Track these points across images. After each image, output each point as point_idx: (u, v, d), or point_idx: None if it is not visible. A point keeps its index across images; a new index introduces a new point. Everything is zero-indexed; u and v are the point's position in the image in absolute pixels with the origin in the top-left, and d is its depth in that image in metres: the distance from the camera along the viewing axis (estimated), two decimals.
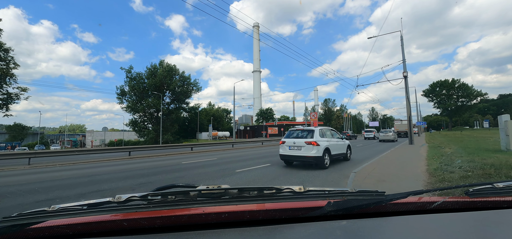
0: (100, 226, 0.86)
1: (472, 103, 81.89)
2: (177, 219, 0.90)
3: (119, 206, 0.92)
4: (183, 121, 58.20)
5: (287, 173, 7.85)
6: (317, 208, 0.93)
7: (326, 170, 8.01)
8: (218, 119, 67.77)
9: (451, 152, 11.36)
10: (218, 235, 0.81)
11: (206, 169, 9.48)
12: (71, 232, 0.83)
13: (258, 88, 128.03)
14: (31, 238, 0.82)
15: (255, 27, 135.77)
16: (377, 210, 0.97)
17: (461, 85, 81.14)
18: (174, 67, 46.60)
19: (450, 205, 1.00)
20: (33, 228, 0.82)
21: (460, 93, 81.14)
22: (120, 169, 10.07)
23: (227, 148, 20.93)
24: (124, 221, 0.86)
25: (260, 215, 0.93)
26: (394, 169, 7.70)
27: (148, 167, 10.62)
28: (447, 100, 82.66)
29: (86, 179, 7.79)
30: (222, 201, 0.97)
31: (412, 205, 1.00)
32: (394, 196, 0.98)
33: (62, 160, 14.16)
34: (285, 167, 9.07)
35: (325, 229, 0.85)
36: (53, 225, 0.83)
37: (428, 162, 8.47)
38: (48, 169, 10.52)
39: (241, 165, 10.05)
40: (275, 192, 1.01)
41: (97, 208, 0.92)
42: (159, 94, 41.71)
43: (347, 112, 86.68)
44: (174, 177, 8.02)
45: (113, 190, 6.09)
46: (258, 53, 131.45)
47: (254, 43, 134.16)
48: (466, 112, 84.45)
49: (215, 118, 65.48)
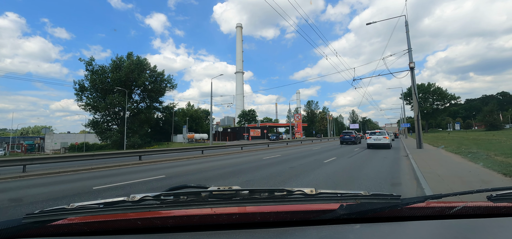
0: (116, 224, 0.87)
1: (445, 107, 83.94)
2: (189, 219, 0.90)
3: (133, 205, 0.94)
4: (156, 122, 51.93)
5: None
6: (329, 211, 0.90)
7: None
8: (197, 120, 62.09)
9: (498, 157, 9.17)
10: (229, 236, 0.81)
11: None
12: (88, 229, 0.86)
13: (240, 90, 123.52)
14: (52, 234, 0.85)
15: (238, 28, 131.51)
16: (392, 214, 0.92)
17: (436, 89, 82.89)
18: (144, 61, 40.54)
19: (471, 210, 0.92)
20: (54, 225, 0.85)
21: (435, 97, 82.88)
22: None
23: (195, 155, 15.82)
24: (138, 220, 0.87)
25: (271, 217, 0.90)
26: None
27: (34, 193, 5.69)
28: (423, 103, 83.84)
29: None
30: (233, 202, 0.97)
31: (430, 209, 0.94)
32: (410, 200, 0.94)
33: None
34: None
35: (337, 232, 0.83)
36: (72, 222, 0.87)
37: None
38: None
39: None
40: (286, 194, 1.00)
41: (113, 206, 0.95)
42: (124, 91, 35.55)
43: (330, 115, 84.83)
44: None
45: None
46: (241, 54, 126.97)
47: (237, 43, 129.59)
48: (440, 115, 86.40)
49: (193, 120, 59.75)
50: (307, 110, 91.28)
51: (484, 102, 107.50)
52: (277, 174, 7.94)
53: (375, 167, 8.74)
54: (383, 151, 15.18)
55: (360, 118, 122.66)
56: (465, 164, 8.33)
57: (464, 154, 10.58)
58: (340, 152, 15.63)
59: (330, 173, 7.78)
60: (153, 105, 44.73)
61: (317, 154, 14.64)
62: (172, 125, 50.21)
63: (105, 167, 10.69)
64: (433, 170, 7.31)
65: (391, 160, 11.06)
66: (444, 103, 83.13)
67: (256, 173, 8.24)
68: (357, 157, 12.38)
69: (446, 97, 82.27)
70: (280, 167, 9.46)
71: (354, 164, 9.77)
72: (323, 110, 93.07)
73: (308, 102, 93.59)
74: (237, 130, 63.20)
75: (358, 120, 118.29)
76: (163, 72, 43.42)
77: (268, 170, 8.77)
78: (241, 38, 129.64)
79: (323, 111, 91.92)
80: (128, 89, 36.75)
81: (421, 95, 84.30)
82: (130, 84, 38.31)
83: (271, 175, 7.75)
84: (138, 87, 40.36)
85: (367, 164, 9.60)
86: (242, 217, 0.89)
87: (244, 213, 0.91)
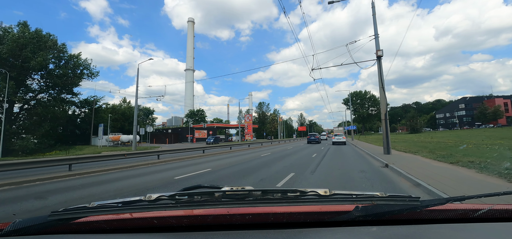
0: (133, 223, 0.89)
1: (377, 112, 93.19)
2: (203, 219, 0.90)
3: (149, 204, 0.95)
4: (71, 120, 40.10)
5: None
6: (344, 212, 0.86)
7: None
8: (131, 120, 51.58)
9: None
10: (242, 236, 0.79)
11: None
12: (108, 227, 0.88)
13: (190, 89, 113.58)
14: (74, 231, 0.88)
15: (189, 23, 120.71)
16: (410, 217, 0.87)
17: (370, 96, 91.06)
18: (47, 38, 29.64)
19: (498, 213, 0.85)
20: (76, 223, 0.88)
21: (370, 103, 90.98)
22: None
23: (52, 175, 9.33)
24: (155, 219, 0.88)
25: (284, 217, 0.88)
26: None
27: None
28: (360, 109, 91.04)
29: None
30: (246, 202, 0.96)
31: (452, 212, 0.87)
32: (430, 202, 0.88)
33: None
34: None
35: (353, 235, 0.79)
36: (93, 220, 0.89)
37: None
38: None
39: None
40: (300, 195, 0.98)
41: (131, 206, 0.97)
42: (5, 73, 24.65)
43: (280, 117, 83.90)
44: None
45: None
46: (192, 51, 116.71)
47: (188, 39, 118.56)
48: (373, 119, 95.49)
49: (127, 118, 49.28)
50: (258, 112, 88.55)
51: (404, 110, 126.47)
52: None
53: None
54: (352, 163, 11.46)
55: (307, 121, 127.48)
56: (492, 181, 4.78)
57: (462, 164, 7.37)
58: (298, 162, 11.29)
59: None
60: (63, 98, 33.74)
61: (264, 167, 9.89)
62: (92, 124, 39.27)
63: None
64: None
65: (372, 173, 7.15)
66: (376, 109, 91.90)
67: None
68: (322, 172, 8.11)
69: (378, 104, 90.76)
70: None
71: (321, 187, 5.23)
72: (274, 113, 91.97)
73: (259, 103, 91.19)
74: (179, 131, 54.96)
75: (305, 123, 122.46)
76: (78, 55, 33.10)
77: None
78: (193, 34, 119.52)
79: (274, 113, 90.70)
80: (14, 72, 25.79)
81: (358, 101, 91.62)
82: (18, 64, 27.13)
83: None
84: (34, 71, 29.24)
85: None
86: (255, 218, 0.88)
87: (257, 214, 0.90)
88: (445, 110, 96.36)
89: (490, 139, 20.86)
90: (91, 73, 34.57)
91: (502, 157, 8.36)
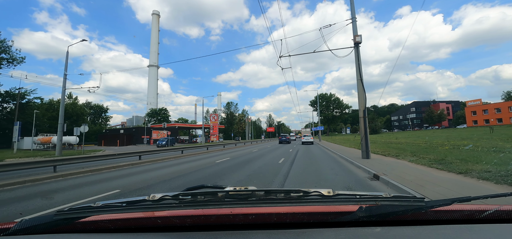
0: (137, 222, 0.89)
1: (341, 114, 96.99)
2: (206, 219, 0.89)
3: (153, 204, 0.95)
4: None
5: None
6: (348, 213, 0.85)
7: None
8: (75, 117, 43.65)
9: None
10: (245, 236, 0.78)
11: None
12: (112, 226, 0.88)
13: (154, 86, 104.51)
14: (79, 231, 0.88)
15: (154, 15, 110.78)
16: (415, 217, 0.85)
17: (335, 99, 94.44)
18: None
19: (505, 214, 0.83)
20: (81, 222, 0.88)
21: (334, 105, 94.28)
22: None
23: None
24: (158, 219, 0.89)
25: (287, 218, 0.87)
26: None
27: None
28: (326, 110, 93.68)
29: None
30: (249, 202, 0.96)
31: (458, 213, 0.85)
32: (435, 203, 0.87)
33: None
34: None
35: (356, 235, 0.78)
36: (98, 219, 0.89)
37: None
38: None
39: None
40: (303, 195, 0.97)
41: (135, 205, 0.97)
42: None
43: (249, 118, 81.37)
44: None
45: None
46: (156, 46, 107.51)
47: (152, 33, 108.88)
48: (337, 121, 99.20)
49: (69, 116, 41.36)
50: (226, 113, 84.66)
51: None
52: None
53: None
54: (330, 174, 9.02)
55: (276, 122, 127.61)
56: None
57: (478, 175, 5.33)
58: (260, 171, 8.48)
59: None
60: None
61: (211, 180, 6.80)
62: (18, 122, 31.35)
63: None
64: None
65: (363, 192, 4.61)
66: (340, 111, 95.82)
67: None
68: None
69: (342, 106, 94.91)
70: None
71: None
72: (242, 113, 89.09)
73: (227, 103, 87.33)
74: (133, 131, 48.30)
75: (274, 124, 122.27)
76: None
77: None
78: (158, 28, 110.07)
79: (241, 113, 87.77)
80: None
81: (324, 103, 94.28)
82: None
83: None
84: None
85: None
86: (258, 218, 0.87)
87: (260, 214, 0.88)
88: (398, 113, 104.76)
89: (452, 139, 20.80)
90: (13, 59, 27.49)
91: (504, 163, 6.60)
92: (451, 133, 35.25)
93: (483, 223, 0.83)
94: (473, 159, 7.61)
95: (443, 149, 11.78)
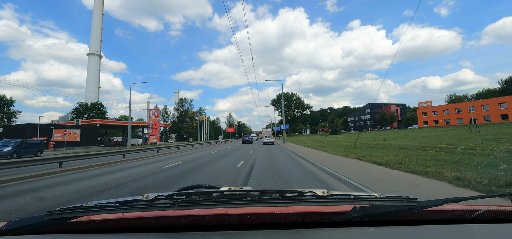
0: (131, 222, 0.87)
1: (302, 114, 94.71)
2: (201, 219, 0.87)
3: (147, 204, 0.93)
4: None
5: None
6: (342, 213, 0.85)
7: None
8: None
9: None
10: (240, 236, 0.78)
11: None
12: (105, 227, 0.86)
13: (94, 78, 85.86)
14: (71, 231, 0.86)
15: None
16: (408, 217, 0.86)
17: (297, 98, 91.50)
18: None
19: (494, 214, 0.84)
20: (73, 222, 0.86)
21: (296, 105, 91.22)
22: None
23: None
24: (152, 219, 0.87)
25: (282, 218, 0.86)
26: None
27: None
28: (288, 110, 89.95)
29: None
30: (244, 202, 0.95)
31: (449, 213, 0.86)
32: (427, 203, 0.87)
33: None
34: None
35: (350, 235, 0.78)
36: (90, 220, 0.87)
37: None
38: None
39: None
40: (297, 195, 0.97)
41: (128, 205, 0.94)
42: None
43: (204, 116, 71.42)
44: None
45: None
46: (99, 32, 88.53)
47: (94, 16, 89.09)
48: (298, 121, 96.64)
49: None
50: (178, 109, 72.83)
51: (321, 114, 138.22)
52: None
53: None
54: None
55: (236, 122, 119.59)
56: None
57: None
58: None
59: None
60: None
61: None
62: None
63: None
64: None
65: None
66: (301, 112, 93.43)
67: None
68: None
69: (303, 106, 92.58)
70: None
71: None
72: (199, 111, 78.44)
73: (180, 99, 75.48)
74: (19, 130, 33.91)
75: (234, 124, 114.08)
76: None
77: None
78: (102, 10, 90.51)
79: (192, 111, 76.84)
80: None
81: (286, 102, 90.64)
82: None
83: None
84: None
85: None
86: (253, 218, 0.85)
87: (255, 214, 0.87)
88: (354, 115, 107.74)
89: (412, 139, 19.20)
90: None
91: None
92: (416, 133, 32.76)
93: (473, 223, 0.83)
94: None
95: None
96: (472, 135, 20.93)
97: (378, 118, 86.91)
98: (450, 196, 2.62)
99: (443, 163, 6.55)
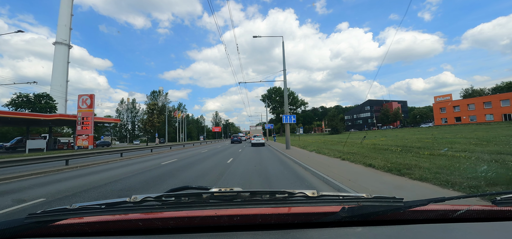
0: (117, 225, 0.84)
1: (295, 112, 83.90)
2: (190, 220, 0.85)
3: (134, 206, 0.91)
4: None
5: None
6: (331, 213, 0.85)
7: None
8: None
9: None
10: (230, 237, 0.78)
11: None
12: (90, 230, 0.82)
13: (62, 71, 71.90)
14: (53, 235, 0.81)
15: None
16: (394, 217, 0.87)
17: (290, 93, 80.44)
18: None
19: (475, 214, 0.87)
20: (55, 225, 0.82)
21: (289, 101, 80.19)
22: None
23: None
24: (140, 221, 0.84)
25: (272, 219, 0.86)
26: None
27: None
28: (279, 107, 78.88)
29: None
30: (234, 203, 0.94)
31: (433, 213, 0.88)
32: (413, 203, 0.88)
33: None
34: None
35: (339, 235, 0.79)
36: (74, 222, 0.83)
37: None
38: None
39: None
40: (288, 196, 0.97)
41: (115, 207, 0.91)
42: None
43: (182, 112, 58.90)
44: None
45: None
46: (68, 18, 74.05)
47: (62, 0, 74.30)
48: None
49: None
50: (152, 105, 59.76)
51: (313, 113, 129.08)
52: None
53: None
54: None
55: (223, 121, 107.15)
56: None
57: None
58: None
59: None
60: None
61: None
62: None
63: None
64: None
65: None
66: (297, 108, 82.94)
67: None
68: None
69: (297, 103, 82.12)
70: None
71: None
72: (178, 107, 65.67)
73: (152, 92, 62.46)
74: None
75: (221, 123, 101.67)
76: None
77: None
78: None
79: (177, 108, 64.13)
80: None
81: (277, 98, 79.61)
82: None
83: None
84: None
85: None
86: (243, 219, 0.84)
87: (245, 215, 0.85)
88: (352, 113, 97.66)
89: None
90: None
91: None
92: (465, 134, 22.24)
93: (455, 222, 0.84)
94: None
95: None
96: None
97: (380, 116, 77.23)
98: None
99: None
